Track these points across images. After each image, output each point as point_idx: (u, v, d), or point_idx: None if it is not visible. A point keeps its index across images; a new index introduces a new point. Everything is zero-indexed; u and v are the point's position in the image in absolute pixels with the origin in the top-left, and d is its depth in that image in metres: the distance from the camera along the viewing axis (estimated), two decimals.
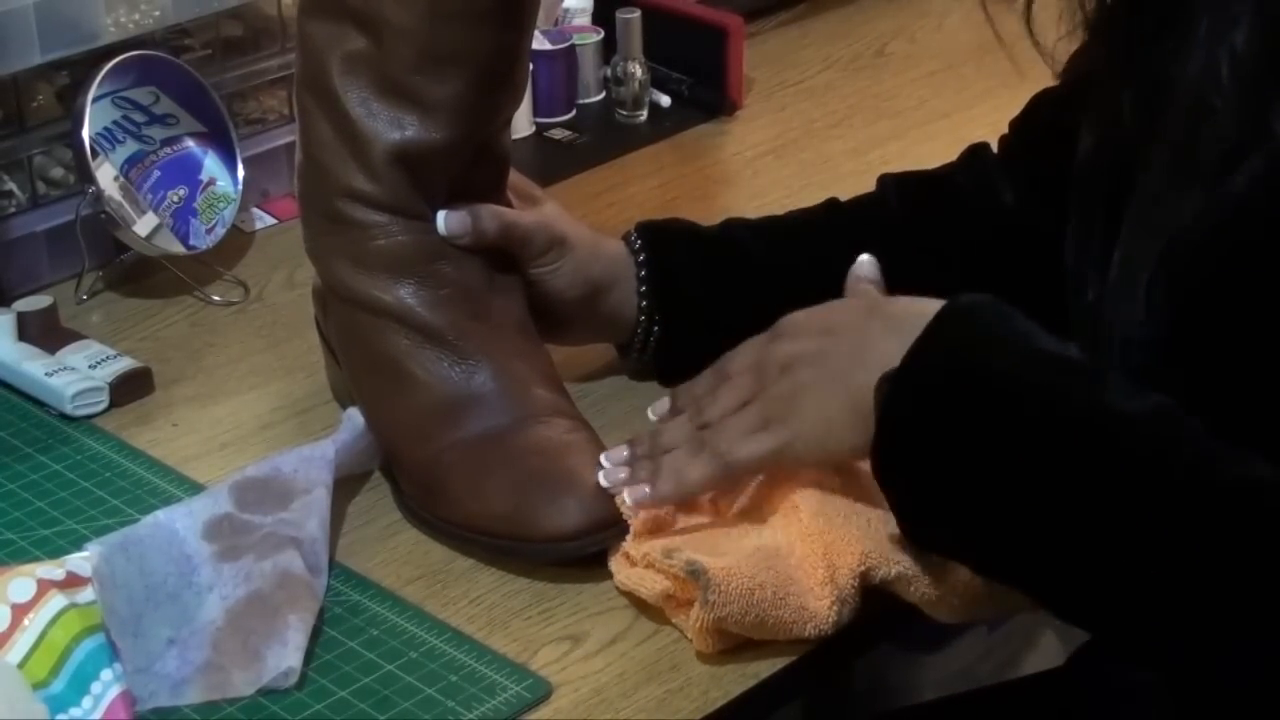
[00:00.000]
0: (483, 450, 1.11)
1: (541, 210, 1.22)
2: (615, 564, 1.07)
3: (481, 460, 1.10)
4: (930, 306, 1.01)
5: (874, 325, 1.05)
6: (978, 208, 1.26)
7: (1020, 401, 0.96)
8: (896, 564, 1.03)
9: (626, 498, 1.07)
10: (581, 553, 1.08)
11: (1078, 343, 1.08)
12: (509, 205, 1.20)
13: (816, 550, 1.03)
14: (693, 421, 1.09)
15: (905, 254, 1.23)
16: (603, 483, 1.08)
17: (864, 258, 1.17)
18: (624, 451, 1.10)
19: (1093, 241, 1.05)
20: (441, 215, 1.15)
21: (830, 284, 1.22)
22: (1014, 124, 1.28)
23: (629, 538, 1.07)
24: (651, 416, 1.13)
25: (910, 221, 1.26)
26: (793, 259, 1.24)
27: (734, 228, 1.27)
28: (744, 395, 1.08)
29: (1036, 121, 1.26)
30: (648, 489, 1.07)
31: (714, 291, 1.23)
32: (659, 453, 1.09)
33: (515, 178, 1.22)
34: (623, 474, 1.08)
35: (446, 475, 1.11)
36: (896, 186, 1.28)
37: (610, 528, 1.07)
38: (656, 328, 1.23)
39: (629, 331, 1.24)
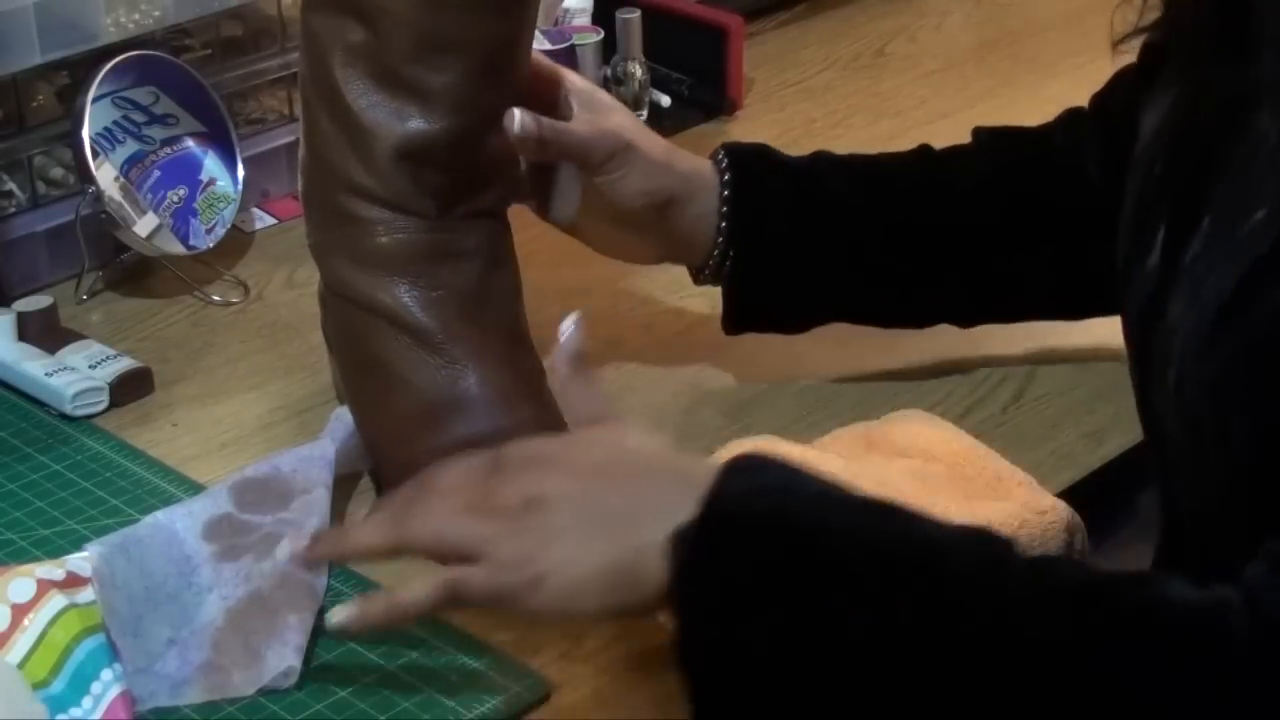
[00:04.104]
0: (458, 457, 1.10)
1: (609, 118, 1.20)
2: None
3: None
4: (706, 463, 0.91)
5: (658, 476, 0.91)
6: (1068, 170, 1.23)
7: (830, 539, 0.86)
8: None
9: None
10: None
11: (1129, 331, 1.04)
12: (522, 194, 1.20)
13: None
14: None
15: (992, 207, 1.22)
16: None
17: (568, 324, 1.02)
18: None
19: (1146, 234, 1.01)
20: (516, 112, 1.12)
21: (915, 231, 1.21)
22: (1094, 100, 1.26)
23: None
24: None
25: (1001, 174, 1.24)
26: (880, 203, 1.22)
27: (823, 164, 1.24)
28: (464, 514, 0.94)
29: (1113, 99, 1.23)
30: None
31: (797, 228, 1.21)
32: None
33: (583, 85, 1.21)
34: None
35: None
36: (991, 139, 1.26)
37: None
38: (733, 252, 1.21)
39: (702, 254, 1.22)
